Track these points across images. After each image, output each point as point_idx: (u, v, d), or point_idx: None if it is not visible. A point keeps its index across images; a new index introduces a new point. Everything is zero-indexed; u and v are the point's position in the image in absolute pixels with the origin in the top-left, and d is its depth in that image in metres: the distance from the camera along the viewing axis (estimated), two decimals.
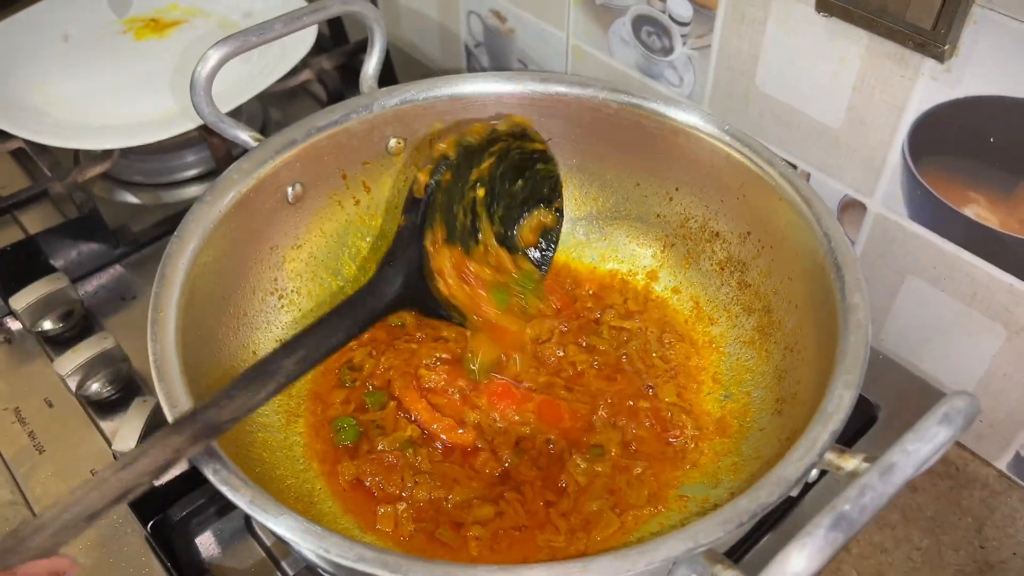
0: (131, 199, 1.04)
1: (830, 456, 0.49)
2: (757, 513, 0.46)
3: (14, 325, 0.87)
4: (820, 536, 0.38)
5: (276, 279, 0.73)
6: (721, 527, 0.46)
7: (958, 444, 0.79)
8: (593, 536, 0.62)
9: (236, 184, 0.67)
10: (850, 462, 0.49)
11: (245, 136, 0.70)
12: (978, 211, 0.69)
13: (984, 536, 0.72)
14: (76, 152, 1.03)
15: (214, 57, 0.68)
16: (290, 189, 0.72)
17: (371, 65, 0.78)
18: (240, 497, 0.48)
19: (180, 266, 0.61)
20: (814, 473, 0.51)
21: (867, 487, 0.39)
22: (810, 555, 0.38)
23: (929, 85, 0.66)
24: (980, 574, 0.70)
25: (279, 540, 0.60)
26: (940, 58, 0.64)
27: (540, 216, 0.74)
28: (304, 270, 0.75)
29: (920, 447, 0.40)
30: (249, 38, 0.69)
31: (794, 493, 0.50)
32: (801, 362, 0.64)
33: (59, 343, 0.84)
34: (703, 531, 0.46)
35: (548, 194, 0.75)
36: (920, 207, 0.73)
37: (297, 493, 0.63)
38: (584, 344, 0.74)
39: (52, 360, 0.81)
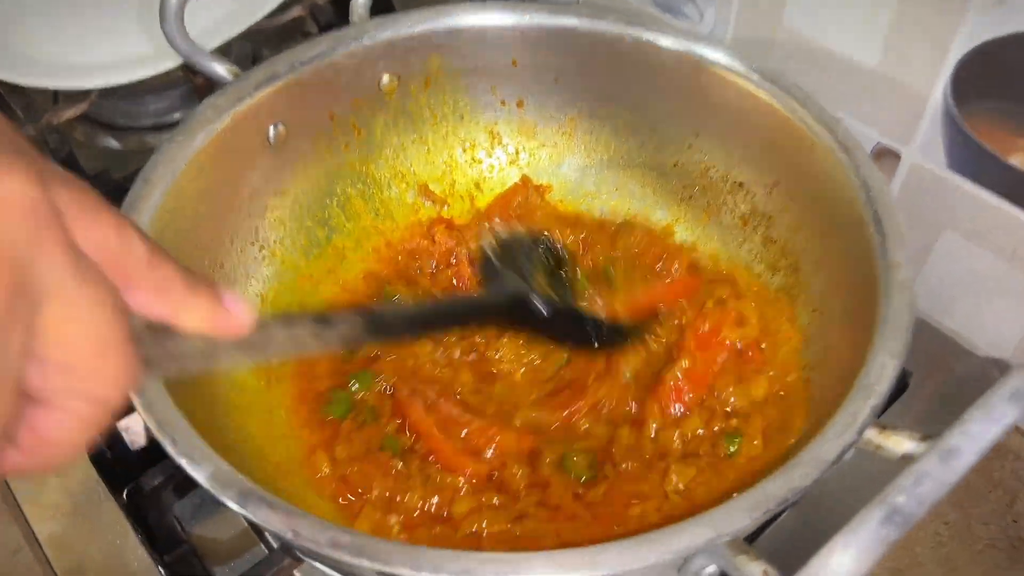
0: (113, 143, 1.00)
1: (871, 434, 0.44)
2: (788, 499, 0.41)
3: None
4: (871, 532, 0.32)
5: (257, 228, 0.67)
6: (747, 514, 0.40)
7: None
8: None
9: (210, 122, 0.61)
10: (893, 441, 0.43)
11: (222, 70, 0.64)
12: None
13: (1016, 511, 0.68)
14: (55, 93, 0.98)
15: None
16: (272, 129, 0.65)
17: None
18: (200, 471, 0.43)
19: (145, 212, 0.55)
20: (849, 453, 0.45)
21: (925, 475, 0.33)
22: (858, 555, 0.32)
23: (977, 20, 0.61)
24: (1012, 550, 0.66)
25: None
26: None
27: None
28: (288, 219, 0.69)
29: (987, 428, 0.34)
30: None
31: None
32: (831, 326, 0.59)
33: None
34: (726, 518, 0.40)
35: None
36: (961, 156, 0.69)
37: (278, 464, 0.58)
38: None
39: None
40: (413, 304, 0.55)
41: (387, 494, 0.57)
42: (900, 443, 0.43)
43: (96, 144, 0.99)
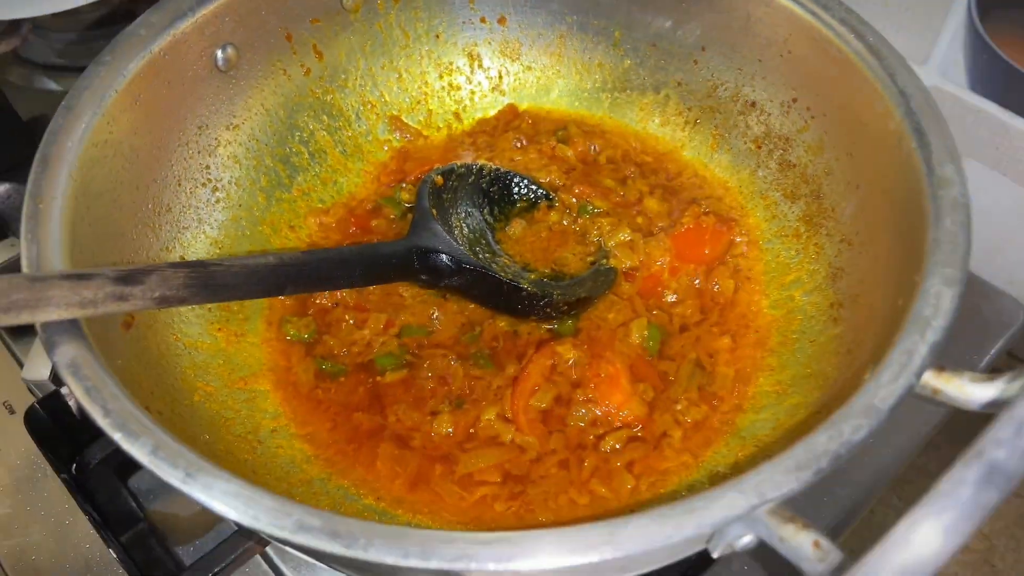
0: (53, 86, 0.91)
1: (928, 377, 0.37)
2: (840, 455, 0.34)
3: None
4: (967, 497, 0.26)
5: (208, 167, 0.60)
6: (794, 476, 0.34)
7: None
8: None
9: (145, 42, 0.53)
10: (956, 385, 0.37)
11: None
12: None
13: None
14: None
15: None
16: (219, 52, 0.58)
17: None
18: (139, 446, 0.35)
19: (69, 145, 0.47)
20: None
21: None
22: (952, 526, 0.26)
23: None
24: None
25: None
26: None
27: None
28: (244, 156, 0.62)
29: None
30: None
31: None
32: (864, 257, 0.52)
33: None
34: (769, 481, 0.34)
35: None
36: (985, 75, 0.65)
37: (242, 433, 0.51)
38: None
39: None
40: (270, 256, 0.47)
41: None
42: (965, 387, 0.36)
43: (35, 87, 0.91)
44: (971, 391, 0.36)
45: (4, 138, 0.80)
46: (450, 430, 0.52)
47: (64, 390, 0.61)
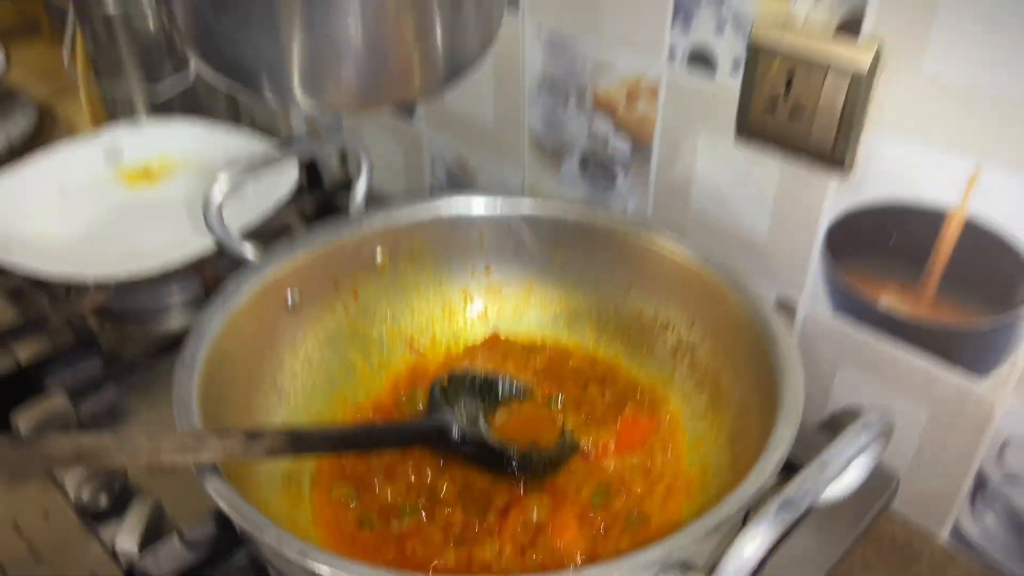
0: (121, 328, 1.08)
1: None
2: (721, 525, 0.53)
3: None
4: (769, 518, 0.46)
5: (276, 379, 0.77)
6: (690, 537, 0.52)
7: (902, 518, 0.84)
8: None
9: (246, 287, 0.74)
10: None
11: (249, 253, 0.78)
12: (891, 302, 0.77)
13: None
14: (67, 290, 1.07)
15: (224, 178, 0.78)
16: (289, 294, 0.78)
17: (359, 193, 0.88)
18: (267, 536, 0.53)
19: (199, 359, 0.68)
20: None
21: (808, 478, 0.47)
22: (763, 534, 0.45)
23: (837, 195, 0.75)
24: None
25: None
26: (842, 172, 0.74)
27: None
28: (300, 372, 0.80)
29: (846, 448, 0.49)
30: (254, 162, 0.80)
31: None
32: (750, 424, 0.70)
33: None
34: (676, 545, 0.52)
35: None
36: (843, 302, 0.81)
37: None
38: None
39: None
40: (338, 426, 0.72)
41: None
42: None
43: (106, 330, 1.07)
44: None
45: (92, 367, 0.98)
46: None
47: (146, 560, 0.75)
